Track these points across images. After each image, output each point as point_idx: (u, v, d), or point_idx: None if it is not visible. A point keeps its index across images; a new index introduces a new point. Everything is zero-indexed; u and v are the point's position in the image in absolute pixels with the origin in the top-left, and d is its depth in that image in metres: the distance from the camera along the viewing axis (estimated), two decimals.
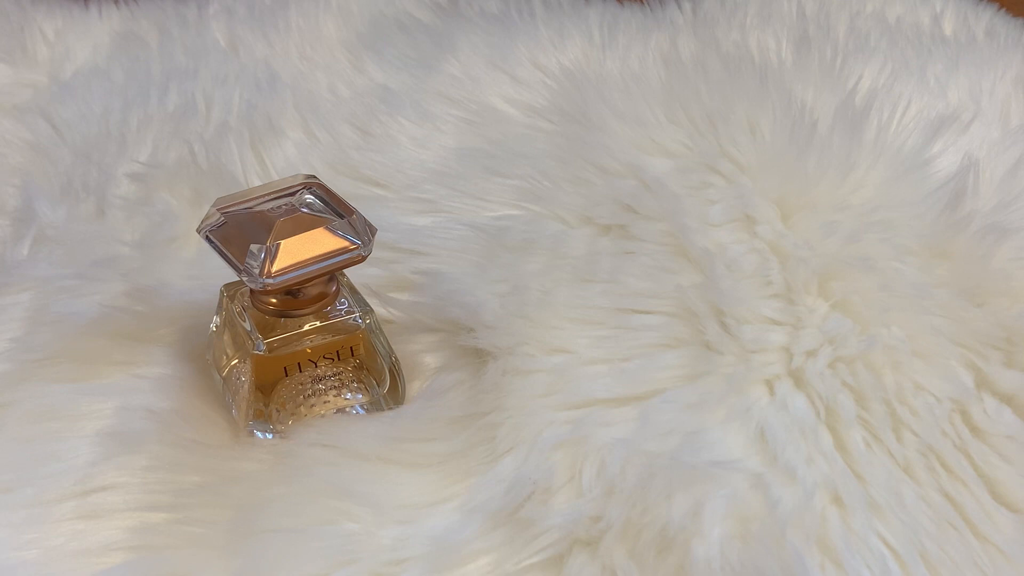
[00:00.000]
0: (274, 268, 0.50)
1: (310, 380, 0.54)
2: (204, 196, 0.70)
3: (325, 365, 0.54)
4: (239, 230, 0.51)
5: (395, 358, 0.57)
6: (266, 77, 0.85)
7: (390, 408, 0.56)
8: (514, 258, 0.63)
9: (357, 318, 0.54)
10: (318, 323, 0.53)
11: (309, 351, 0.54)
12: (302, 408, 0.55)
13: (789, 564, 0.45)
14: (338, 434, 0.53)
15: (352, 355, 0.55)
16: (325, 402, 0.55)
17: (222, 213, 0.53)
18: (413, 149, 0.76)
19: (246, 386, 0.53)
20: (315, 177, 0.56)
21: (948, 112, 0.75)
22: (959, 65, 0.82)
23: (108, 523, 0.49)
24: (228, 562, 0.47)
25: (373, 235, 0.53)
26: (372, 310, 0.56)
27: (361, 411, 0.56)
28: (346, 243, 0.51)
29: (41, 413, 0.54)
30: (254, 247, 0.50)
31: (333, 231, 0.51)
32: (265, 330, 0.53)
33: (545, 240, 0.65)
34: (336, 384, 0.55)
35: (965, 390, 0.54)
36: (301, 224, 0.51)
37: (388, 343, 0.57)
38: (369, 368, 0.56)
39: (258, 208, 0.53)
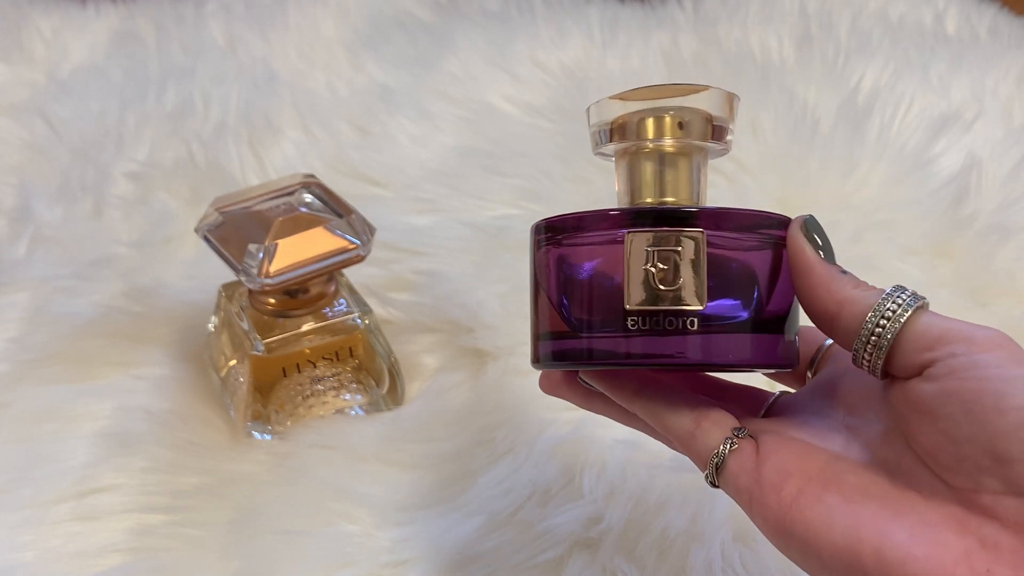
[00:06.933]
0: (272, 268, 0.49)
1: (309, 381, 0.54)
2: (202, 195, 0.69)
3: (324, 366, 0.54)
4: (237, 230, 0.51)
5: (394, 358, 0.57)
6: (264, 76, 0.85)
7: (389, 409, 0.56)
8: (514, 258, 0.63)
9: (356, 318, 0.54)
10: (317, 323, 0.53)
11: (308, 352, 0.53)
12: (300, 409, 0.54)
13: (791, 566, 0.45)
14: (337, 435, 0.53)
15: (351, 356, 0.55)
16: (324, 403, 0.55)
17: (220, 212, 0.52)
18: (412, 148, 0.76)
19: (244, 387, 0.53)
20: (313, 176, 0.55)
21: (951, 111, 0.75)
22: (962, 64, 0.82)
23: (106, 525, 0.49)
24: (226, 564, 0.47)
25: (372, 235, 0.53)
26: (371, 310, 0.55)
27: (360, 412, 0.56)
28: (345, 243, 0.51)
29: (38, 414, 0.54)
30: (252, 247, 0.49)
31: (332, 231, 0.51)
32: (263, 330, 0.52)
33: None
34: (335, 385, 0.55)
35: None
36: (300, 224, 0.51)
37: (387, 343, 0.57)
38: (368, 369, 0.56)
39: (256, 208, 0.52)
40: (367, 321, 0.55)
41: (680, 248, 0.31)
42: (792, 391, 0.37)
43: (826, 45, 0.84)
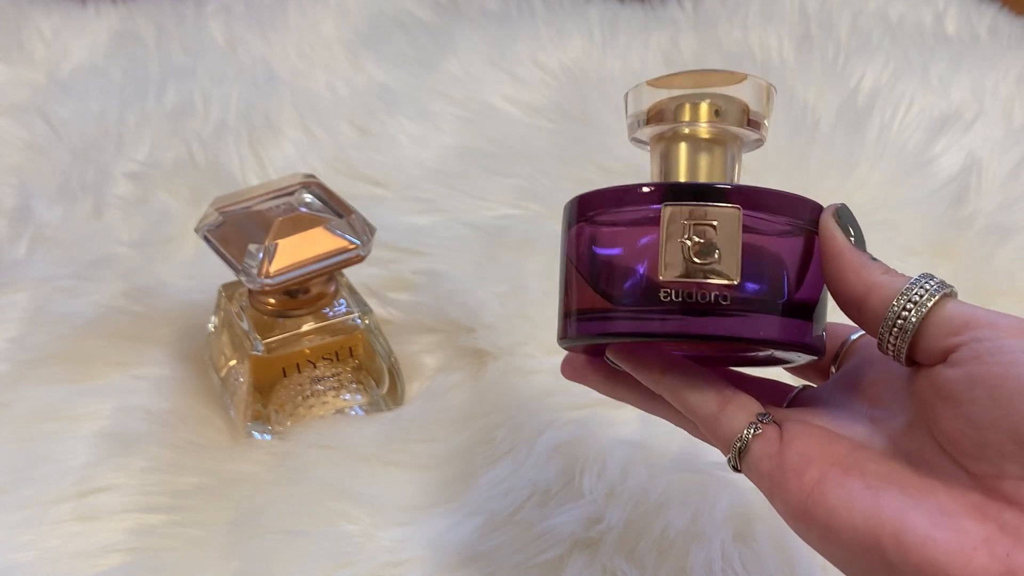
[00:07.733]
0: (272, 268, 0.49)
1: (309, 381, 0.54)
2: (202, 195, 0.70)
3: (324, 366, 0.54)
4: (237, 230, 0.51)
5: (394, 358, 0.57)
6: (264, 76, 0.85)
7: (389, 409, 0.56)
8: (514, 258, 0.63)
9: (356, 318, 0.54)
10: (317, 323, 0.53)
11: (308, 352, 0.53)
12: (300, 409, 0.54)
13: (792, 566, 0.45)
14: (337, 435, 0.53)
15: (351, 356, 0.55)
16: (324, 403, 0.55)
17: (220, 213, 0.52)
18: (412, 148, 0.76)
19: (244, 387, 0.53)
20: (314, 176, 0.55)
21: (951, 111, 0.75)
22: (962, 64, 0.82)
23: (106, 525, 0.49)
24: (226, 564, 0.47)
25: (372, 235, 0.53)
26: (371, 310, 0.55)
27: (360, 412, 0.56)
28: (345, 243, 0.51)
29: (38, 414, 0.54)
30: (252, 247, 0.49)
31: (332, 231, 0.51)
32: (263, 330, 0.52)
33: (545, 239, 0.64)
34: (335, 385, 0.55)
35: None
36: (300, 224, 0.51)
37: (387, 343, 0.57)
38: (368, 369, 0.56)
39: (256, 208, 0.52)
40: (367, 321, 0.55)
41: (716, 223, 0.31)
42: (815, 385, 0.37)
43: (826, 45, 0.84)
